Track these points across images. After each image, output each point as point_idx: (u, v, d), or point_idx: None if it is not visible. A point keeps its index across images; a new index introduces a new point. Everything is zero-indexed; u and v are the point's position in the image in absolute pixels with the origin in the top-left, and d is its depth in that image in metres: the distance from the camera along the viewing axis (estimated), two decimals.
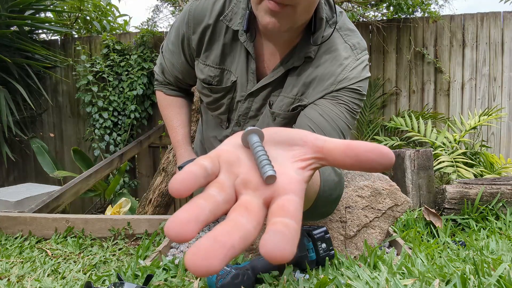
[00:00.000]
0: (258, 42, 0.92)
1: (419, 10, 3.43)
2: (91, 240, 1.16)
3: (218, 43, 0.94)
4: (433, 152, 2.08)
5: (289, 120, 0.94)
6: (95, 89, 3.74)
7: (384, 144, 3.24)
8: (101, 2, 4.58)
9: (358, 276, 0.69)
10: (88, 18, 4.50)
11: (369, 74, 0.91)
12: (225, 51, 0.94)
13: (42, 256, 1.03)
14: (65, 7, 4.36)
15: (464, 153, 2.89)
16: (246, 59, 0.93)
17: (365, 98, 0.91)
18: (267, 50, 0.92)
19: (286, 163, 0.36)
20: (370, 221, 0.92)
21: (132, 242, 1.17)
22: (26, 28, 3.84)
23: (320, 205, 0.69)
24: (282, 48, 0.91)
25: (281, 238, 0.27)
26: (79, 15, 4.43)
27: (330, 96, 0.87)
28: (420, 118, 3.27)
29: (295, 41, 0.90)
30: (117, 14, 4.89)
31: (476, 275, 0.64)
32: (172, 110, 1.17)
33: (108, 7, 4.69)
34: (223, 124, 1.08)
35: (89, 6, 4.41)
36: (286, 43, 0.89)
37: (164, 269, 0.80)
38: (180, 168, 1.12)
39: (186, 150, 1.14)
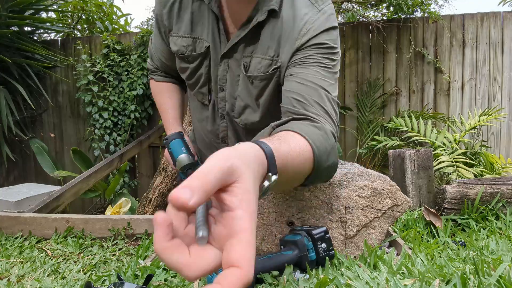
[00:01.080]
0: (223, 2, 0.93)
1: (419, 10, 3.43)
2: (91, 240, 1.16)
3: (186, 12, 0.97)
4: (433, 152, 2.08)
5: (267, 81, 0.93)
6: (95, 89, 3.74)
7: (384, 144, 3.24)
8: (104, 2, 4.58)
9: (358, 276, 0.69)
10: (90, 18, 4.50)
11: (335, 24, 0.88)
12: (194, 19, 0.97)
13: (42, 256, 1.03)
14: (69, 8, 4.36)
15: (464, 153, 2.89)
16: (216, 22, 0.94)
17: (338, 51, 0.88)
18: (232, 8, 0.93)
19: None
20: (370, 221, 0.92)
21: (132, 242, 1.17)
22: (27, 28, 3.84)
23: (320, 164, 0.69)
24: (245, 6, 0.90)
25: None
26: (82, 15, 4.43)
27: (299, 59, 0.86)
28: (420, 118, 3.27)
29: None
30: (120, 14, 4.90)
31: (476, 275, 0.64)
32: (163, 95, 1.20)
33: (110, 8, 4.69)
34: (205, 99, 1.07)
35: (92, 6, 4.41)
36: (247, 0, 0.89)
37: (164, 269, 0.79)
38: (164, 140, 1.13)
39: (175, 130, 1.15)
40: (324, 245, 0.79)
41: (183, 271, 0.37)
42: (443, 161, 2.70)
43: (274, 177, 0.51)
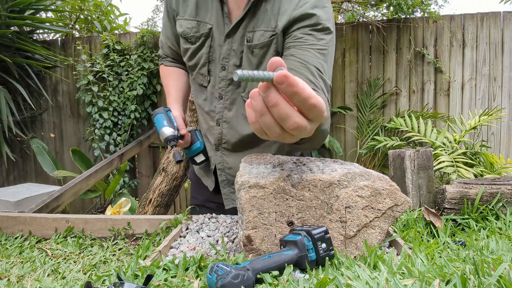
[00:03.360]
0: None
1: (419, 10, 3.43)
2: (91, 240, 1.16)
3: None
4: (433, 152, 2.08)
5: (266, 48, 1.00)
6: (95, 89, 3.73)
7: (384, 144, 3.25)
8: (102, 2, 4.58)
9: (358, 276, 0.69)
10: (89, 18, 4.50)
11: (328, 5, 0.97)
12: (199, 4, 1.06)
13: (42, 256, 1.03)
14: (67, 7, 4.36)
15: (464, 153, 2.89)
16: (220, 5, 1.03)
17: (331, 30, 0.96)
18: None
19: None
20: (370, 221, 0.92)
21: (132, 242, 1.17)
22: (27, 28, 3.84)
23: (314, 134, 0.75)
24: None
25: None
26: (81, 15, 4.43)
27: (298, 40, 0.95)
28: (420, 118, 3.27)
29: None
30: (118, 14, 4.90)
31: (476, 275, 0.64)
32: (170, 78, 1.26)
33: (109, 8, 4.69)
34: (205, 80, 1.13)
35: (90, 5, 4.41)
36: None
37: (164, 269, 0.79)
38: (151, 115, 1.19)
39: (174, 108, 1.18)
40: (324, 245, 0.79)
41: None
42: (443, 161, 2.70)
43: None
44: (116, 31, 4.66)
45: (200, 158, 1.21)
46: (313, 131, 0.63)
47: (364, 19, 3.62)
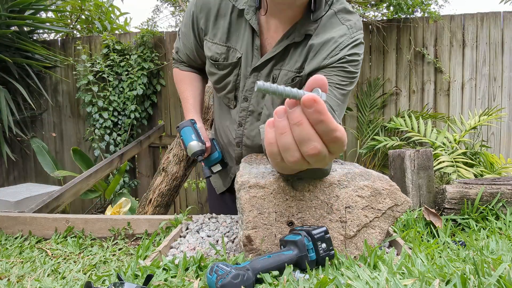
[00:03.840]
0: (262, 19, 1.01)
1: (419, 10, 3.43)
2: (91, 240, 1.16)
3: (224, 21, 1.03)
4: (433, 152, 2.08)
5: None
6: (95, 89, 3.73)
7: (384, 144, 3.24)
8: (103, 2, 4.58)
9: (358, 276, 0.69)
10: (89, 18, 4.50)
11: (361, 52, 0.98)
12: (230, 29, 1.03)
13: (42, 256, 1.03)
14: (67, 7, 4.36)
15: (464, 153, 2.88)
16: (251, 36, 1.02)
17: (357, 75, 0.98)
18: (270, 26, 1.01)
19: None
20: (370, 221, 0.92)
21: (132, 242, 1.17)
22: (27, 28, 3.84)
23: (312, 171, 0.82)
24: (284, 24, 0.99)
25: None
26: (81, 15, 4.43)
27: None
28: (420, 118, 3.27)
29: (297, 18, 0.98)
30: (118, 14, 4.89)
31: (476, 275, 0.64)
32: (184, 83, 1.26)
33: (110, 8, 4.69)
34: (231, 104, 1.14)
35: (91, 5, 4.40)
36: (289, 20, 0.98)
37: (164, 269, 0.80)
38: (176, 128, 1.17)
39: (192, 117, 1.20)
40: (324, 245, 0.79)
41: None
42: (443, 161, 2.70)
43: None
44: (116, 31, 4.66)
45: (217, 168, 1.21)
46: (328, 164, 0.62)
47: (364, 19, 3.62)
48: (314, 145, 0.50)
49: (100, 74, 3.79)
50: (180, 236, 1.09)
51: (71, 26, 4.50)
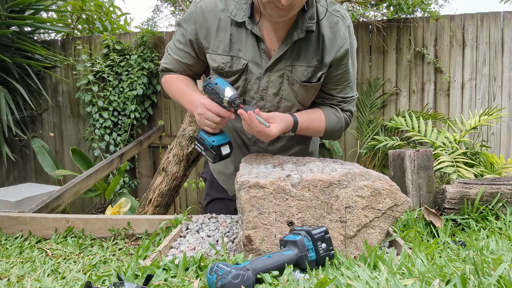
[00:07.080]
0: (260, 24, 1.11)
1: (419, 10, 3.43)
2: (91, 240, 1.16)
3: (225, 34, 1.12)
4: (433, 152, 2.08)
5: (318, 86, 1.18)
6: (95, 89, 3.73)
7: (384, 144, 3.24)
8: (104, 2, 4.58)
9: (358, 276, 0.69)
10: (90, 18, 4.49)
11: (353, 32, 1.19)
12: (232, 40, 1.12)
13: (42, 256, 1.03)
14: (68, 7, 4.36)
15: (464, 153, 2.88)
16: (256, 42, 1.11)
17: (355, 47, 1.20)
18: (269, 30, 1.12)
19: None
20: (370, 221, 0.92)
21: (132, 242, 1.17)
22: (27, 28, 3.84)
23: (330, 133, 1.24)
24: (283, 26, 1.10)
25: None
26: (82, 15, 4.42)
27: (336, 68, 1.17)
28: (420, 118, 3.27)
29: (293, 18, 1.08)
30: (119, 13, 4.89)
31: (476, 275, 0.64)
32: (177, 82, 1.24)
33: (111, 8, 4.69)
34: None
35: (91, 5, 4.40)
36: (286, 21, 1.08)
37: (164, 269, 0.80)
38: (208, 79, 1.11)
39: (197, 94, 1.18)
40: (324, 245, 0.79)
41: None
42: (443, 161, 2.70)
43: (291, 133, 1.17)
44: (117, 31, 4.66)
45: (226, 150, 1.14)
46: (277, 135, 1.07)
47: (364, 19, 3.62)
48: (252, 131, 1.04)
49: (100, 74, 3.79)
50: (180, 236, 1.09)
51: (72, 26, 4.49)
